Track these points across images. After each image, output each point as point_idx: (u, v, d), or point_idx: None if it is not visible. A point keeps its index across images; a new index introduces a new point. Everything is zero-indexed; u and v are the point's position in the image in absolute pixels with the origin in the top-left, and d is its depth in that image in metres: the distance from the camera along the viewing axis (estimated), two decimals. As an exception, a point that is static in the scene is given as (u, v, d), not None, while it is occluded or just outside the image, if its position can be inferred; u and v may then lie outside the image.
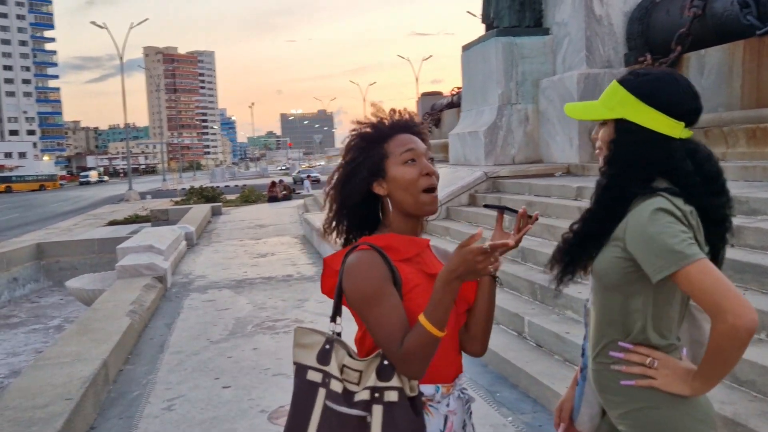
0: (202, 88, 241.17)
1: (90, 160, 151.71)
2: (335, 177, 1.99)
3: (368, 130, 1.97)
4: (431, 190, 1.90)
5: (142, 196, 46.21)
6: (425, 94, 23.73)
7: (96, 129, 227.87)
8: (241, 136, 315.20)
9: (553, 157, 10.70)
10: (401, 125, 1.98)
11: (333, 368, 1.80)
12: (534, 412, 4.53)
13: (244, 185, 43.93)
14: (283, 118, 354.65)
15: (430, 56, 72.68)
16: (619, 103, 1.82)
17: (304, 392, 1.83)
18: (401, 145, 1.92)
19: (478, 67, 11.99)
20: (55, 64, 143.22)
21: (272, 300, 8.69)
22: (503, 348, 5.28)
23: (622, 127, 1.82)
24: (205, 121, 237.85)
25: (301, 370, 1.85)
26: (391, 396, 1.76)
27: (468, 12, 39.24)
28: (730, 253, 2.09)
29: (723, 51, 8.18)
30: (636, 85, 1.81)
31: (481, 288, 1.98)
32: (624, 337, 1.82)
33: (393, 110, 2.05)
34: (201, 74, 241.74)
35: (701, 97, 1.85)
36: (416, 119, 2.03)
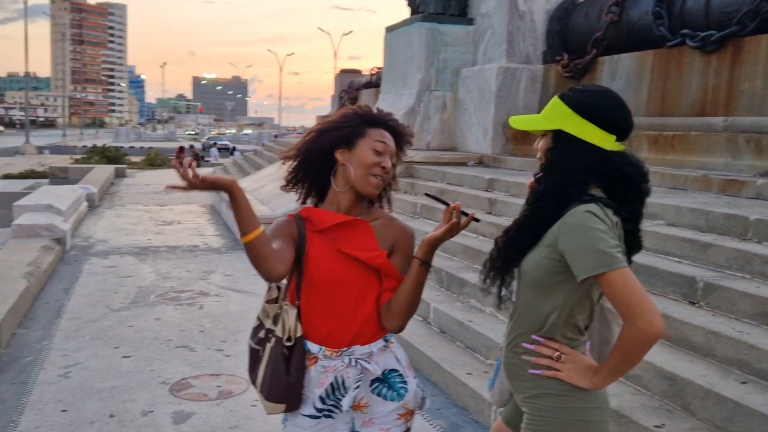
0: (111, 42, 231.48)
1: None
2: (315, 128, 2.25)
3: (367, 110, 2.24)
4: (379, 178, 2.16)
5: (40, 150, 44.09)
6: (344, 71, 23.58)
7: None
8: (150, 97, 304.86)
9: (466, 147, 10.92)
10: (390, 125, 2.23)
11: (260, 307, 2.25)
12: (433, 395, 4.66)
13: (150, 148, 42.56)
14: (196, 81, 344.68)
15: (351, 32, 72.41)
16: (558, 116, 1.98)
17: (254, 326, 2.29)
18: (379, 136, 2.18)
19: (400, 50, 12.06)
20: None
21: (177, 270, 8.52)
22: (408, 332, 5.35)
23: (559, 138, 1.97)
24: (112, 77, 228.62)
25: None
26: (273, 341, 2.16)
27: (392, -8, 39.08)
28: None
29: (634, 58, 8.56)
30: (573, 100, 1.96)
31: (410, 271, 2.16)
32: (537, 329, 1.98)
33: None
34: (110, 27, 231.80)
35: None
36: (407, 133, 2.28)
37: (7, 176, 24.23)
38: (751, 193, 5.88)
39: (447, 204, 2.10)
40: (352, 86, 19.40)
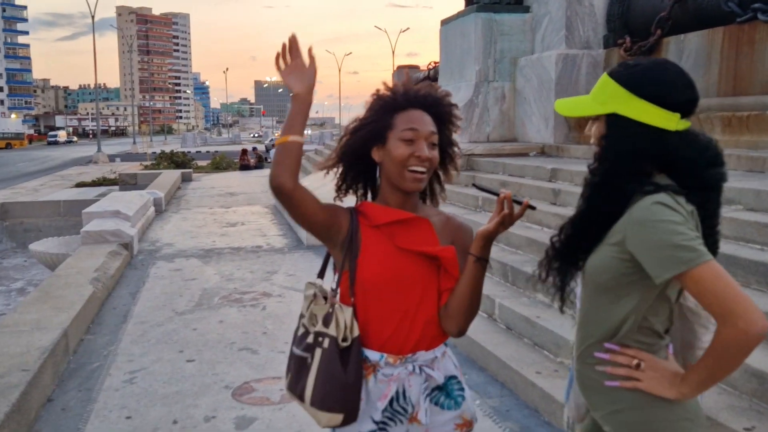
0: (176, 51, 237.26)
1: (59, 120, 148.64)
2: (348, 128, 2.08)
3: (387, 94, 2.03)
4: (418, 172, 1.95)
5: (112, 158, 45.41)
6: (401, 67, 23.49)
7: (66, 88, 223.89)
8: (215, 102, 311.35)
9: (527, 137, 10.65)
10: (418, 100, 2.01)
11: (305, 314, 2.06)
12: (501, 396, 4.50)
13: (216, 152, 43.35)
14: (258, 85, 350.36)
15: (408, 29, 72.13)
16: (610, 97, 1.73)
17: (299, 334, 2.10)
18: (407, 121, 1.97)
19: (456, 43, 11.85)
20: (25, 20, 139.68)
21: (240, 271, 8.56)
22: (473, 330, 5.18)
23: (614, 122, 1.73)
24: (178, 84, 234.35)
25: (300, 317, 2.11)
26: (326, 343, 1.95)
27: (448, -15, 38.76)
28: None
29: (702, 37, 8.16)
30: (626, 77, 1.71)
31: (466, 268, 1.98)
32: (610, 337, 1.74)
33: (415, 84, 2.07)
34: (175, 37, 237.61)
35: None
36: (442, 98, 2.05)
37: (80, 184, 25.08)
38: (837, 174, 5.50)
39: (496, 194, 1.90)
40: (410, 81, 19.26)
